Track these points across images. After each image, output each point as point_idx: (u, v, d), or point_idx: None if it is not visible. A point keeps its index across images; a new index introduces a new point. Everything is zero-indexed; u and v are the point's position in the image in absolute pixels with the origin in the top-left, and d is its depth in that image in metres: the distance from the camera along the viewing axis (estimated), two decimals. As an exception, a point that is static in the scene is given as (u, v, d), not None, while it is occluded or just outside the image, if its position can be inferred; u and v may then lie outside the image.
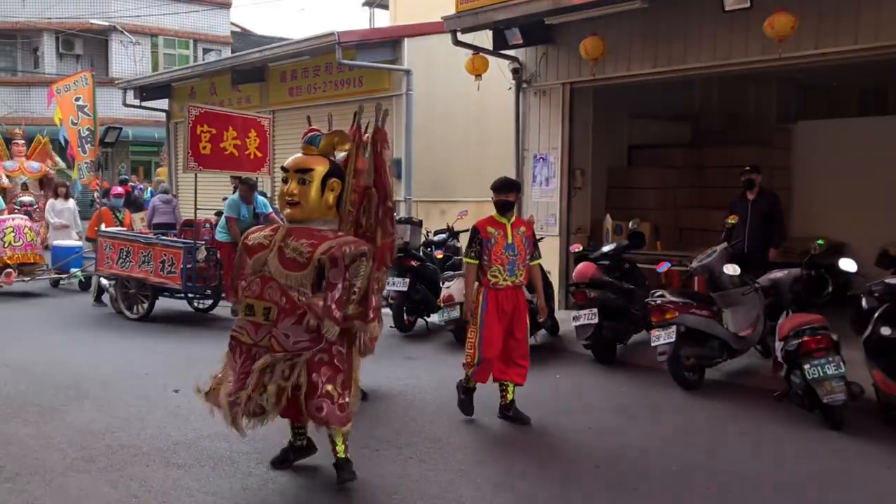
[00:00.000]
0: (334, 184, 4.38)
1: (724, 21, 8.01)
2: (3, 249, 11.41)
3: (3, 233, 11.50)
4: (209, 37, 30.40)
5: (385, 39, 13.07)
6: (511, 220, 5.73)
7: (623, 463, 4.98)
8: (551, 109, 10.09)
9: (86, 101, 13.36)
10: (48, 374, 6.90)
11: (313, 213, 4.34)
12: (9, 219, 11.89)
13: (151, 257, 9.53)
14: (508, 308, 5.64)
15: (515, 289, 5.69)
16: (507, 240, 5.60)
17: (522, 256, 5.67)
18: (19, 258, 11.54)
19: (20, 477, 4.56)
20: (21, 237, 11.61)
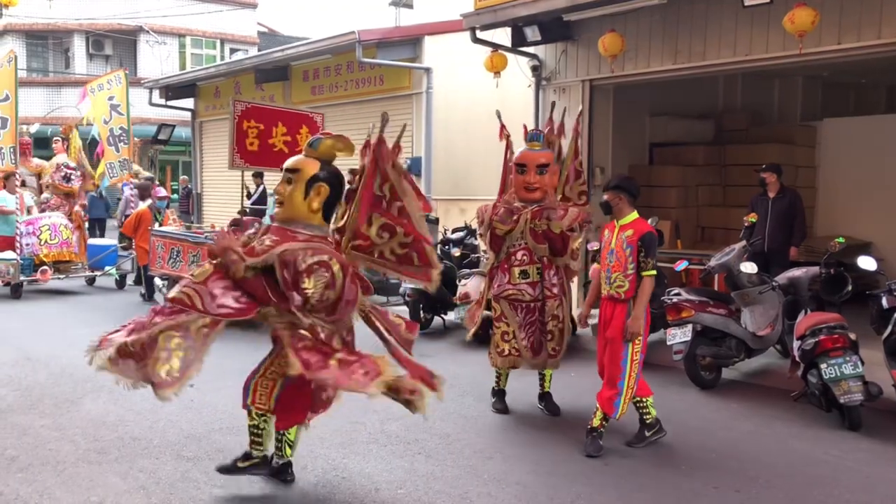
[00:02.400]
0: (320, 188, 4.16)
1: (745, 17, 7.91)
2: (39, 247, 11.43)
3: (39, 231, 11.53)
4: (236, 37, 30.67)
5: (405, 38, 13.08)
6: (622, 222, 5.06)
7: (633, 461, 4.93)
8: (571, 107, 10.00)
9: (119, 100, 13.51)
10: (67, 368, 6.99)
11: (294, 214, 4.17)
12: (45, 216, 11.92)
13: (200, 257, 9.20)
14: (601, 322, 5.18)
15: (613, 301, 5.06)
16: (611, 244, 5.09)
17: (621, 264, 4.97)
18: (55, 256, 11.55)
19: (32, 467, 4.63)
20: (57, 235, 11.62)
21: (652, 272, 4.98)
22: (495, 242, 5.81)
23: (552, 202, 5.73)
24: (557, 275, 5.78)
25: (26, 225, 11.54)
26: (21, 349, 7.76)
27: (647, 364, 7.52)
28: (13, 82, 11.70)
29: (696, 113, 12.10)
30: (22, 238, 11.37)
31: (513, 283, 5.76)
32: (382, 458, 4.86)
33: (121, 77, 13.69)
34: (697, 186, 11.37)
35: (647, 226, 5.08)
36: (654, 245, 4.99)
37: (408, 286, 8.89)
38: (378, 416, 5.67)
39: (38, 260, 11.37)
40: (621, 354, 5.00)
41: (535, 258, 5.69)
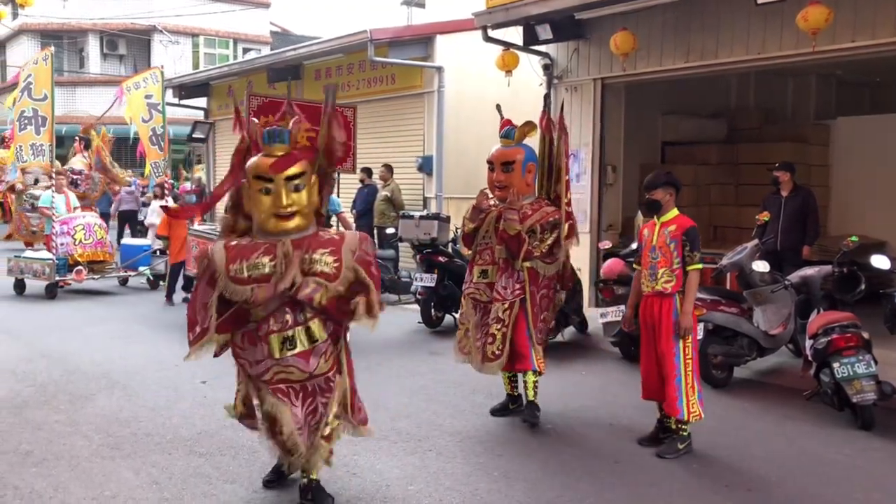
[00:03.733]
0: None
1: (758, 14, 7.88)
2: (74, 247, 11.31)
3: (73, 231, 11.40)
4: (249, 36, 30.81)
5: (417, 37, 13.10)
6: (664, 218, 5.03)
7: (643, 459, 4.93)
8: (582, 105, 10.02)
9: (157, 98, 13.49)
10: (81, 364, 7.06)
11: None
12: (79, 216, 11.78)
13: None
14: (649, 319, 5.04)
15: (659, 297, 4.99)
16: (653, 241, 5.03)
17: (667, 260, 4.94)
18: (89, 256, 11.41)
19: (47, 461, 4.68)
20: (91, 235, 11.50)
21: (698, 266, 4.97)
22: (465, 239, 5.78)
23: (514, 202, 5.40)
24: (514, 278, 5.43)
25: (61, 224, 11.41)
26: (36, 346, 7.83)
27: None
28: (50, 81, 11.59)
29: (709, 111, 12.06)
30: (57, 238, 11.28)
31: (474, 282, 5.63)
32: (393, 455, 4.88)
33: (157, 75, 13.61)
34: (710, 185, 11.33)
35: (689, 220, 5.04)
36: (698, 238, 4.99)
37: (418, 285, 8.91)
38: (388, 413, 5.70)
39: (73, 260, 11.24)
40: (673, 351, 4.93)
41: (495, 258, 5.51)
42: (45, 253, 11.22)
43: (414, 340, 8.54)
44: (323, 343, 3.86)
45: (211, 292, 3.77)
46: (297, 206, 3.84)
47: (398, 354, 7.77)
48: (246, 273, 3.72)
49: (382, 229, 12.31)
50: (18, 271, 11.20)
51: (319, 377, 3.89)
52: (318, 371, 3.87)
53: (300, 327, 3.78)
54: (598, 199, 9.98)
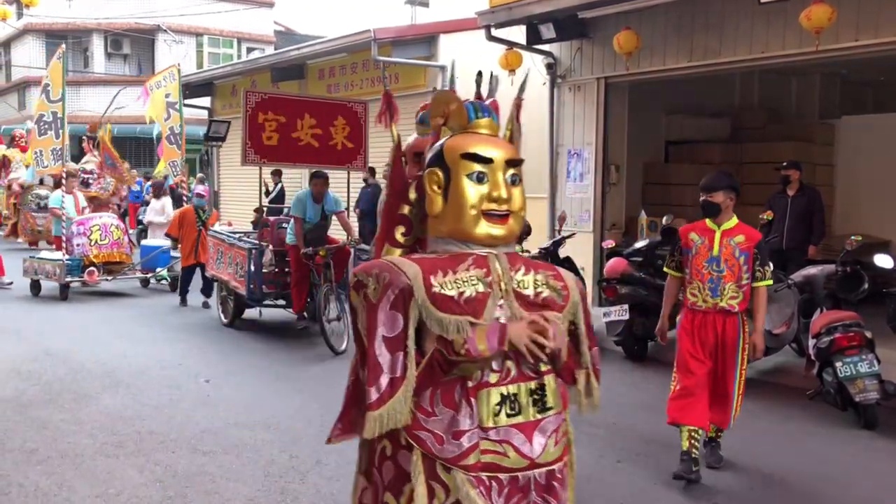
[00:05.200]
0: None
1: (761, 14, 7.87)
2: (90, 248, 11.11)
3: (89, 231, 11.23)
4: (253, 36, 30.85)
5: (421, 36, 13.12)
6: (725, 226, 4.54)
7: (646, 459, 4.93)
8: (586, 104, 10.02)
9: (175, 97, 13.46)
10: (85, 363, 7.08)
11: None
12: (96, 216, 11.60)
13: (232, 258, 8.75)
14: (710, 338, 4.54)
15: (723, 315, 4.51)
16: (711, 251, 4.50)
17: (734, 274, 4.45)
18: (105, 257, 11.18)
19: (52, 459, 4.70)
20: (107, 235, 11.30)
21: (769, 282, 4.58)
22: None
23: None
24: None
25: (77, 225, 11.26)
26: (42, 345, 7.86)
27: (658, 361, 7.56)
28: (61, 80, 11.46)
29: (713, 111, 12.05)
30: (73, 238, 11.12)
31: None
32: (396, 454, 4.88)
33: (174, 74, 13.57)
34: (713, 184, 11.32)
35: (755, 230, 4.65)
36: (767, 252, 4.65)
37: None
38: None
39: (88, 261, 11.04)
40: (734, 370, 4.60)
41: None
42: (58, 254, 11.09)
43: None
44: (554, 415, 2.36)
45: (401, 321, 2.14)
46: (514, 206, 2.35)
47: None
48: (454, 290, 2.17)
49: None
50: (33, 272, 11.09)
51: (543, 467, 2.33)
52: (542, 458, 2.32)
53: (529, 382, 2.26)
54: (601, 198, 9.98)
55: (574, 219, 9.90)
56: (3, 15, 16.84)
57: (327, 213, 8.39)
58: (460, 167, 2.28)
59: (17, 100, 31.49)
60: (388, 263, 2.21)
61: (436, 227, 2.31)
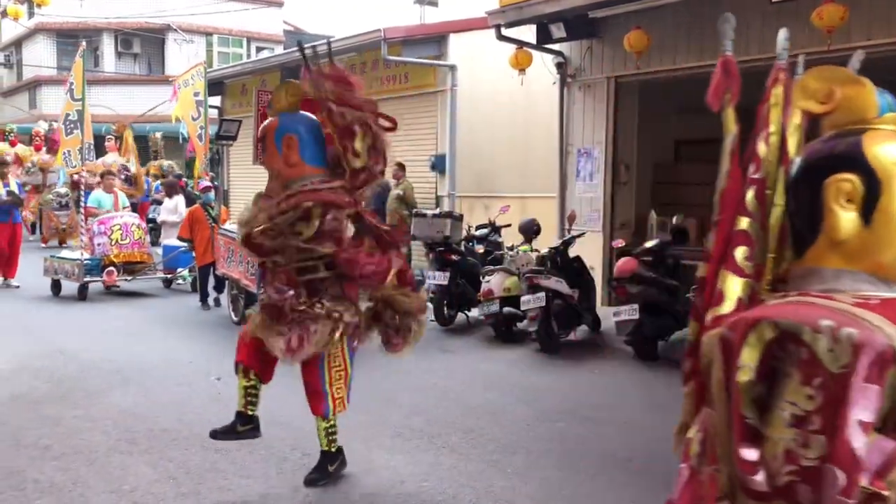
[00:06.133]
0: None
1: (772, 13, 7.85)
2: (111, 247, 11.00)
3: (110, 230, 11.11)
4: (262, 35, 30.93)
5: (430, 35, 13.14)
6: None
7: (656, 457, 4.92)
8: (596, 104, 10.02)
9: (202, 95, 13.47)
10: (96, 361, 7.12)
11: None
12: (117, 216, 11.49)
13: (243, 257, 8.60)
14: None
15: None
16: None
17: None
18: (125, 256, 11.08)
19: (66, 456, 4.73)
20: (128, 235, 11.20)
21: None
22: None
23: (273, 190, 4.22)
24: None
25: (99, 224, 11.23)
26: (53, 343, 7.91)
27: (669, 360, 7.55)
28: (82, 78, 11.43)
29: (723, 110, 12.03)
30: (94, 237, 11.09)
31: None
32: (407, 452, 4.91)
33: (201, 71, 13.54)
34: (723, 184, 11.30)
35: None
36: None
37: (431, 283, 8.93)
38: (402, 410, 5.73)
39: (108, 260, 10.93)
40: None
41: None
42: (77, 254, 11.07)
43: (427, 338, 8.40)
44: None
45: (878, 397, 1.36)
46: None
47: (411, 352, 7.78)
48: None
49: (395, 228, 12.35)
50: (53, 272, 11.10)
51: None
52: None
53: None
54: (611, 197, 9.98)
55: (584, 218, 9.90)
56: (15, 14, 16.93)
57: None
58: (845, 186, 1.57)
59: (27, 99, 31.64)
60: (840, 312, 1.46)
61: (843, 256, 1.60)
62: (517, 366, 7.34)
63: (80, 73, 11.49)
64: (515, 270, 8.38)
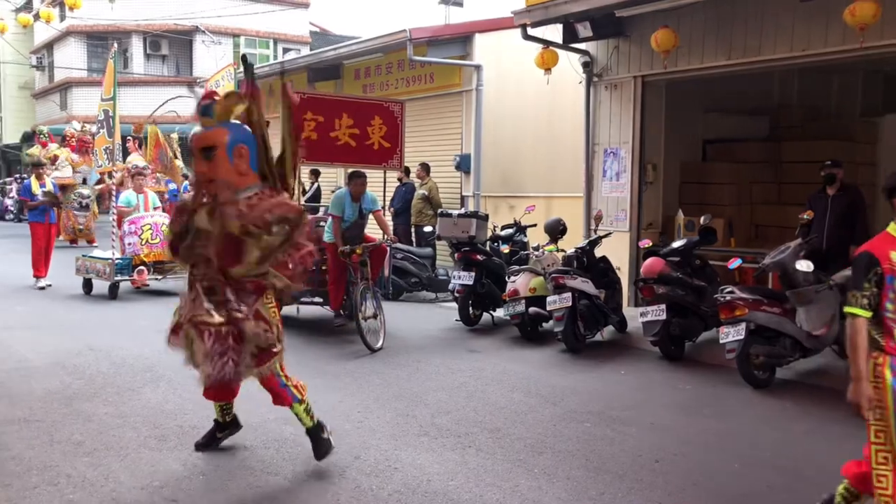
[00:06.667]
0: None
1: (802, 11, 7.77)
2: (141, 247, 11.09)
3: (141, 230, 11.19)
4: (288, 36, 31.15)
5: (456, 35, 13.16)
6: None
7: (684, 459, 4.91)
8: (622, 103, 9.97)
9: None
10: (127, 358, 7.22)
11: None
12: (147, 216, 11.52)
13: None
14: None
15: None
16: None
17: None
18: (155, 256, 11.09)
19: (98, 452, 4.81)
20: (158, 234, 11.20)
21: None
22: (172, 249, 4.55)
23: (226, 198, 4.19)
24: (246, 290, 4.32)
25: (129, 224, 11.29)
26: (86, 340, 8.02)
27: (696, 361, 7.51)
28: (113, 78, 11.56)
29: (751, 109, 11.90)
30: (125, 237, 11.20)
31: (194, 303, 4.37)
32: (433, 451, 4.92)
33: (231, 73, 13.63)
34: (751, 184, 11.19)
35: None
36: None
37: (456, 283, 8.94)
38: (428, 409, 5.75)
39: (139, 260, 11.04)
40: None
41: None
42: (108, 253, 11.22)
43: (452, 338, 8.59)
44: None
45: None
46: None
47: (437, 352, 7.82)
48: None
49: (420, 228, 12.40)
50: (84, 271, 11.25)
51: None
52: None
53: None
54: (637, 197, 9.92)
55: (610, 218, 9.86)
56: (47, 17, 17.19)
57: (364, 212, 8.44)
58: None
59: (59, 100, 32.15)
60: None
61: None
62: (543, 366, 7.33)
63: (111, 74, 11.63)
64: (541, 270, 8.37)
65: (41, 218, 11.86)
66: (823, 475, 4.63)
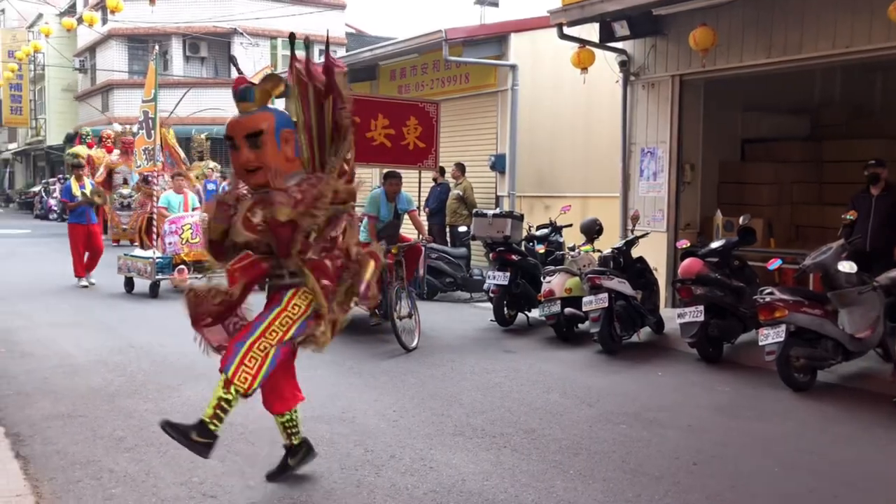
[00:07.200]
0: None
1: (845, 6, 7.62)
2: (181, 246, 11.27)
3: (181, 230, 11.39)
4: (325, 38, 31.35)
5: (491, 35, 13.15)
6: None
7: (722, 462, 4.85)
8: (660, 102, 9.88)
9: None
10: (168, 356, 7.34)
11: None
12: (187, 215, 11.72)
13: None
14: None
15: None
16: None
17: None
18: (196, 255, 11.10)
19: (139, 447, 4.90)
20: (198, 234, 11.25)
21: None
22: (213, 248, 4.31)
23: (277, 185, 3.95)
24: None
25: (170, 224, 11.50)
26: (127, 338, 8.18)
27: (734, 363, 7.41)
28: (155, 80, 11.75)
29: (791, 107, 11.69)
30: (166, 237, 11.41)
31: None
32: (468, 451, 4.92)
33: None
34: (792, 184, 11.00)
35: None
36: None
37: (491, 283, 8.93)
38: (463, 409, 5.75)
39: (179, 259, 11.17)
40: None
41: None
42: (149, 252, 11.42)
43: (487, 338, 8.58)
44: None
45: None
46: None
47: (472, 352, 7.82)
48: None
49: (455, 228, 12.41)
50: (126, 270, 11.48)
51: None
52: None
53: None
54: (675, 197, 9.82)
55: (647, 218, 9.78)
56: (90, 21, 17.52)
57: (400, 212, 8.50)
58: None
59: (101, 102, 32.78)
60: None
61: None
62: (579, 367, 7.29)
63: (152, 76, 11.82)
64: (577, 271, 8.33)
65: (80, 219, 12.11)
66: (869, 480, 4.55)
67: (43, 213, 31.29)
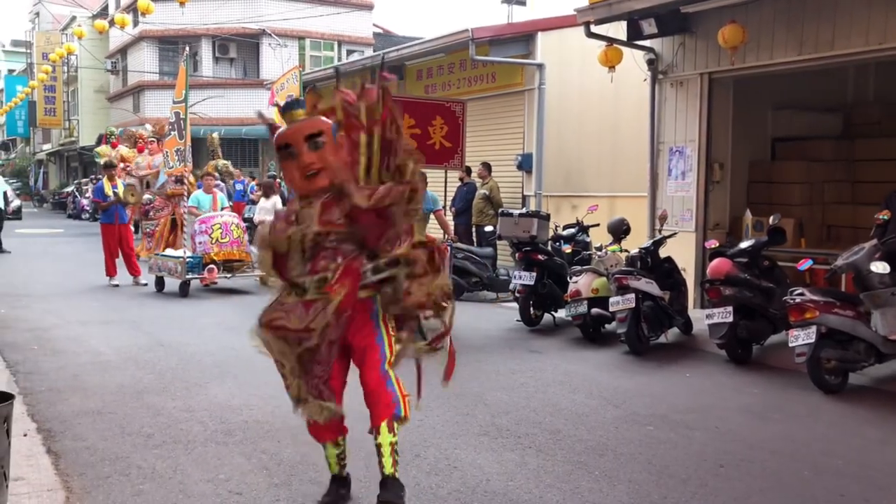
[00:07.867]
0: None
1: (878, 1, 7.48)
2: (211, 246, 11.37)
3: (211, 229, 11.48)
4: (353, 38, 31.53)
5: (518, 34, 13.12)
6: None
7: (750, 465, 4.78)
8: (688, 101, 9.78)
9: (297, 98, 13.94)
10: (195, 354, 7.42)
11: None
12: (217, 215, 11.83)
13: None
14: None
15: None
16: None
17: None
18: (225, 255, 11.40)
19: (166, 444, 4.95)
20: (228, 234, 11.51)
21: None
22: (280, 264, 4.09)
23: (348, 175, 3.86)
24: None
25: (200, 223, 11.61)
26: (156, 336, 8.28)
27: (763, 365, 7.31)
28: (185, 82, 11.90)
29: (823, 106, 11.51)
30: (196, 237, 11.51)
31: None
32: (493, 451, 4.91)
33: (296, 75, 13.88)
34: (823, 183, 10.83)
35: None
36: None
37: (517, 283, 8.90)
38: (488, 409, 5.74)
39: (209, 259, 11.30)
40: None
41: None
42: (180, 252, 11.54)
43: (513, 338, 8.56)
44: None
45: None
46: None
47: (497, 352, 7.81)
48: None
49: (481, 227, 12.39)
50: (157, 269, 11.64)
51: None
52: None
53: None
54: (704, 197, 9.72)
55: (675, 218, 9.69)
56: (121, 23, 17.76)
57: (425, 212, 8.46)
58: None
59: (132, 103, 33.23)
60: None
61: None
62: (605, 368, 7.24)
63: (183, 78, 11.95)
64: (604, 271, 8.28)
65: (110, 219, 12.28)
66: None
67: (76, 213, 31.84)
